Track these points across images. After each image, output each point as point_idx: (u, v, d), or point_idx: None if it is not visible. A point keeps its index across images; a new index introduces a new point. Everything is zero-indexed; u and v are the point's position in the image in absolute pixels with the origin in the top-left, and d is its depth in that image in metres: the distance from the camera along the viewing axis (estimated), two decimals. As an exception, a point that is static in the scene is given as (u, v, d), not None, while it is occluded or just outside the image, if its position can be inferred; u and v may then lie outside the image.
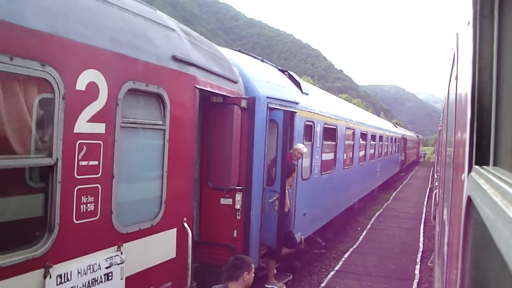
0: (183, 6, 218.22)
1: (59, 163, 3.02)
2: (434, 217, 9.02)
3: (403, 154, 34.61)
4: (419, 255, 11.63)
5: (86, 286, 3.30)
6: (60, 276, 3.07)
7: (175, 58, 4.33)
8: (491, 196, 0.83)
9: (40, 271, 2.93)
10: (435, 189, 10.59)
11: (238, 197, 5.40)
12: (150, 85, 3.92)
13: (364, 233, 13.91)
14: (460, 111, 1.87)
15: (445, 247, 2.65)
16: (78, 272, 3.23)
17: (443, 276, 2.77)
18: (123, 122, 3.61)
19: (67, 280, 3.13)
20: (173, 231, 4.38)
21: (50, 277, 2.98)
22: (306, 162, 8.74)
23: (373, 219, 16.31)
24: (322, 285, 9.01)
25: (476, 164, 1.28)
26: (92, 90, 3.28)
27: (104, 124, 3.41)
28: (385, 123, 27.30)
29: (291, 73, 9.04)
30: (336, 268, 10.15)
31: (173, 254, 4.39)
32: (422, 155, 71.12)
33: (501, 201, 0.75)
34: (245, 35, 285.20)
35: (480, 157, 1.27)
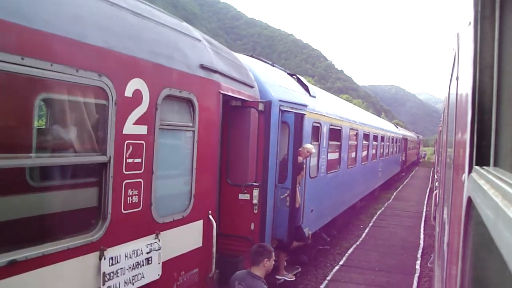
0: (184, 6, 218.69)
1: (112, 161, 3.49)
2: (434, 218, 9.24)
3: (404, 154, 35.05)
4: (420, 251, 12.09)
5: (131, 268, 3.77)
6: (112, 258, 3.54)
7: (202, 67, 4.80)
8: (491, 197, 0.82)
9: (97, 253, 3.40)
10: (435, 190, 10.80)
11: (256, 192, 5.88)
12: (182, 91, 4.39)
13: (366, 231, 14.38)
14: (461, 111, 1.87)
15: (445, 248, 2.65)
16: (125, 256, 3.70)
17: (443, 277, 2.77)
18: (161, 124, 4.08)
19: (117, 262, 3.60)
20: (200, 222, 4.85)
21: (104, 258, 3.45)
22: (313, 161, 9.21)
23: (375, 217, 16.78)
24: (328, 278, 9.48)
25: (476, 164, 1.28)
26: (137, 97, 3.75)
27: (146, 126, 3.87)
28: (386, 123, 27.77)
29: (299, 76, 9.51)
30: (341, 263, 10.62)
31: (200, 243, 4.86)
32: (422, 156, 71.55)
33: (502, 201, 0.75)
34: (245, 35, 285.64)
35: (481, 158, 1.27)
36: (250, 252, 4.57)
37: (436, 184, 12.54)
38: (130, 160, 3.70)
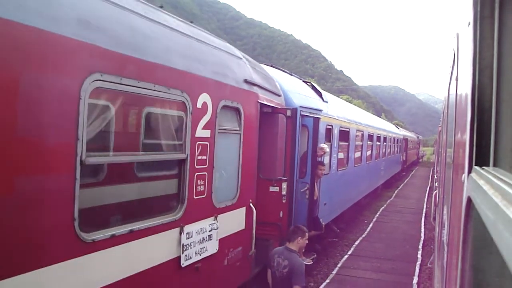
0: (184, 7, 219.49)
1: (188, 157, 4.52)
2: (434, 218, 9.67)
3: (404, 154, 36.01)
4: (421, 243, 13.11)
5: (199, 242, 4.81)
6: (188, 233, 4.57)
7: (245, 81, 5.84)
8: (491, 197, 0.83)
9: (178, 229, 4.43)
10: (435, 190, 11.46)
11: (284, 185, 6.93)
12: (233, 102, 5.43)
13: (371, 225, 15.38)
14: (460, 111, 1.88)
15: (445, 248, 2.65)
16: (196, 232, 4.73)
17: (443, 277, 2.79)
18: (219, 129, 5.12)
19: (191, 237, 4.63)
20: (244, 209, 5.90)
21: (183, 233, 4.48)
22: (326, 159, 10.26)
23: (378, 213, 17.80)
24: (339, 265, 10.55)
25: (476, 165, 1.27)
26: (204, 108, 4.78)
27: (209, 131, 4.91)
28: (388, 125, 28.85)
29: (313, 84, 10.58)
30: (349, 253, 11.66)
31: (243, 226, 5.91)
32: (422, 156, 72.58)
33: (501, 201, 0.75)
34: (245, 35, 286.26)
35: (480, 158, 1.26)
36: (288, 232, 5.63)
37: (436, 184, 13.31)
38: (199, 157, 4.74)
